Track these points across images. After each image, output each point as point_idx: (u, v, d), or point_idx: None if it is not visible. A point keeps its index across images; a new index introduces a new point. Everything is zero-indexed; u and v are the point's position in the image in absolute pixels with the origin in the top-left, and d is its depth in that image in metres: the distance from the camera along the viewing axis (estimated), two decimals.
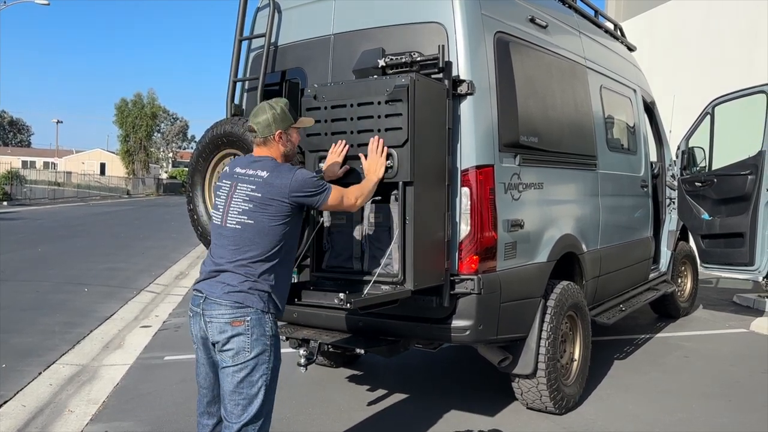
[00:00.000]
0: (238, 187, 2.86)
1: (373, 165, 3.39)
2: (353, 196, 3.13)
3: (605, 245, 5.39)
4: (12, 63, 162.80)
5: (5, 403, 4.77)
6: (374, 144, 3.41)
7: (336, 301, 3.24)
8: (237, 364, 2.74)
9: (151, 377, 5.39)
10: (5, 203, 32.84)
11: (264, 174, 2.84)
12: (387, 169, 3.42)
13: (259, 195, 2.81)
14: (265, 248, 2.80)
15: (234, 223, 2.83)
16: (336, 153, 3.54)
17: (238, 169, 2.92)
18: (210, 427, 2.98)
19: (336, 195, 3.00)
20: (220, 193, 2.93)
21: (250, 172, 2.87)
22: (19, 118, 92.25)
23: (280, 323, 4.53)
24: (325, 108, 3.67)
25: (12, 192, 35.38)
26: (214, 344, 2.81)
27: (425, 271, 3.56)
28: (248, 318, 2.75)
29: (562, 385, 4.40)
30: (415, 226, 3.45)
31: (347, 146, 3.54)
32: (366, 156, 3.43)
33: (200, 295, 2.84)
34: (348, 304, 3.22)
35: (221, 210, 2.89)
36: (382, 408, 4.62)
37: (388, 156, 3.43)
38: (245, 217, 2.81)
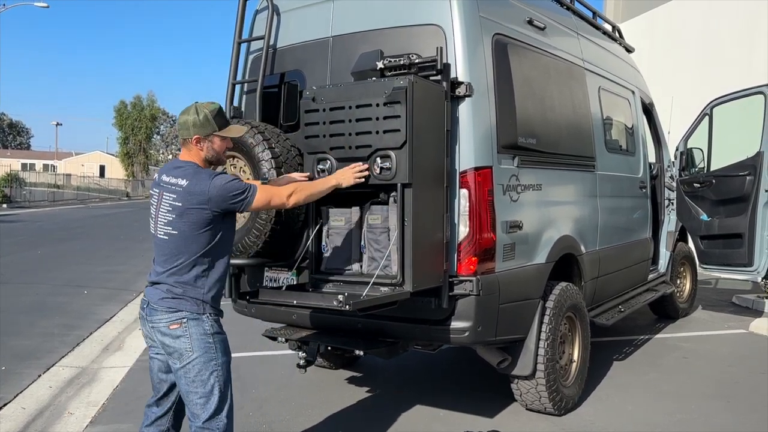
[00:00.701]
0: (164, 197, 2.88)
1: (342, 172, 3.47)
2: (286, 193, 3.06)
3: (604, 246, 5.40)
4: (12, 65, 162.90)
5: (5, 405, 4.77)
6: (358, 167, 3.50)
7: (335, 303, 3.25)
8: (184, 365, 2.83)
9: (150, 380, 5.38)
10: (5, 206, 32.84)
11: (184, 182, 2.85)
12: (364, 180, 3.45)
13: (180, 204, 2.83)
14: (192, 254, 2.84)
15: (162, 233, 2.87)
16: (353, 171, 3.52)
17: (164, 177, 2.93)
18: (154, 417, 3.06)
19: (263, 196, 2.95)
20: (153, 202, 2.96)
21: (173, 180, 2.88)
22: (19, 121, 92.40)
23: (278, 325, 4.57)
24: (324, 110, 3.67)
25: (11, 194, 35.38)
26: (161, 347, 2.90)
27: (424, 273, 3.57)
28: (185, 321, 2.82)
29: (561, 386, 4.41)
30: (413, 227, 3.46)
31: (367, 172, 3.54)
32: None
33: (145, 300, 2.95)
34: (347, 306, 3.23)
35: (153, 219, 2.93)
36: (381, 409, 4.62)
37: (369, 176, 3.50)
38: (170, 228, 2.85)
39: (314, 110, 3.71)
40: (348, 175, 3.45)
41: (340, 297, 3.24)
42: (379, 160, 3.50)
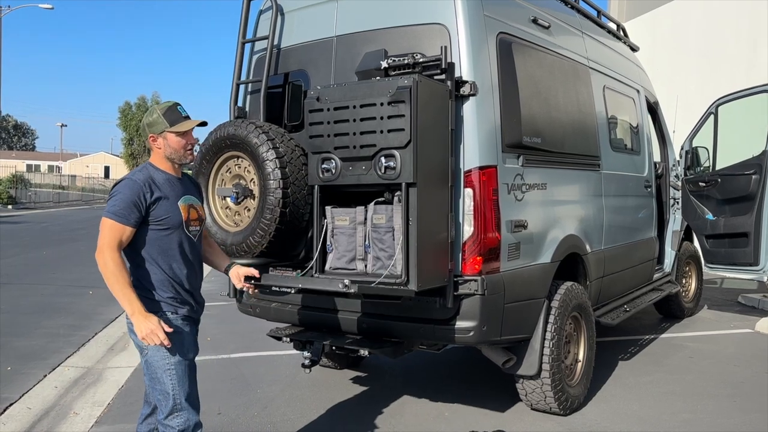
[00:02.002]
0: None
1: (144, 320, 2.77)
2: (102, 251, 2.83)
3: (609, 246, 5.38)
4: (17, 67, 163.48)
5: (11, 405, 4.79)
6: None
7: (340, 286, 3.29)
8: (143, 362, 2.93)
9: None
10: (10, 207, 32.95)
11: None
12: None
13: None
14: (134, 255, 2.90)
15: None
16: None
17: None
18: (144, 415, 3.12)
19: (104, 226, 2.85)
20: None
21: None
22: (24, 122, 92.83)
23: (283, 324, 4.57)
24: (328, 110, 3.67)
25: (17, 195, 35.49)
26: None
27: (429, 272, 3.56)
28: None
29: (566, 386, 4.39)
30: (418, 227, 3.45)
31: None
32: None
33: None
34: (352, 290, 3.28)
35: None
36: (386, 409, 4.62)
37: None
38: None
39: (318, 110, 3.71)
40: (142, 328, 2.77)
41: (346, 281, 3.29)
42: (383, 159, 3.50)
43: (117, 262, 2.78)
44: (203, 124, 3.05)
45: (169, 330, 2.81)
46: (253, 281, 3.31)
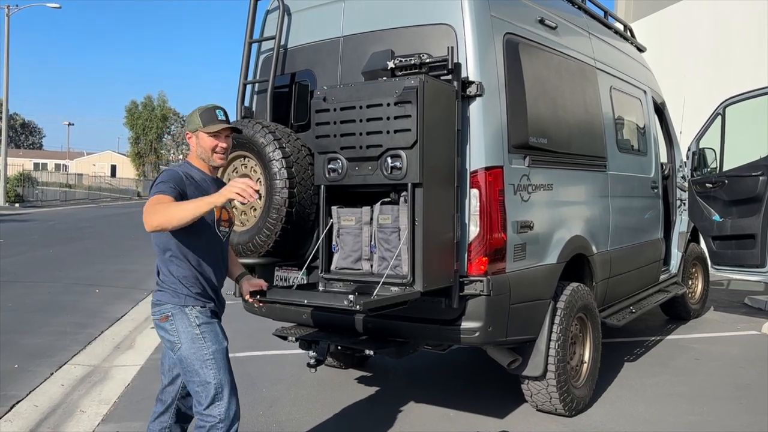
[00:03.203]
0: None
1: (226, 188, 2.70)
2: (146, 212, 2.68)
3: (615, 247, 5.37)
4: (24, 66, 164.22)
5: (18, 403, 4.81)
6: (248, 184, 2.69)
7: (345, 303, 3.25)
8: (177, 356, 2.92)
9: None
10: (17, 205, 33.10)
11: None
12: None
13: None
14: (165, 249, 2.92)
15: None
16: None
17: None
18: (157, 413, 3.13)
19: (147, 205, 2.72)
20: None
21: None
22: (31, 121, 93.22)
23: (289, 324, 4.58)
24: (335, 110, 3.68)
25: (24, 194, 35.66)
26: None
27: (434, 273, 3.56)
28: (170, 315, 2.92)
29: (571, 387, 4.39)
30: (424, 227, 3.45)
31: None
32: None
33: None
34: (357, 306, 3.23)
35: None
36: (391, 409, 4.62)
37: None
38: None
39: (325, 110, 3.72)
40: (231, 190, 2.66)
41: (351, 297, 3.24)
42: (389, 159, 3.50)
43: (163, 206, 2.68)
44: (236, 130, 3.08)
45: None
46: (259, 296, 3.34)
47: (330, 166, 3.74)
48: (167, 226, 2.69)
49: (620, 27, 6.78)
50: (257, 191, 2.68)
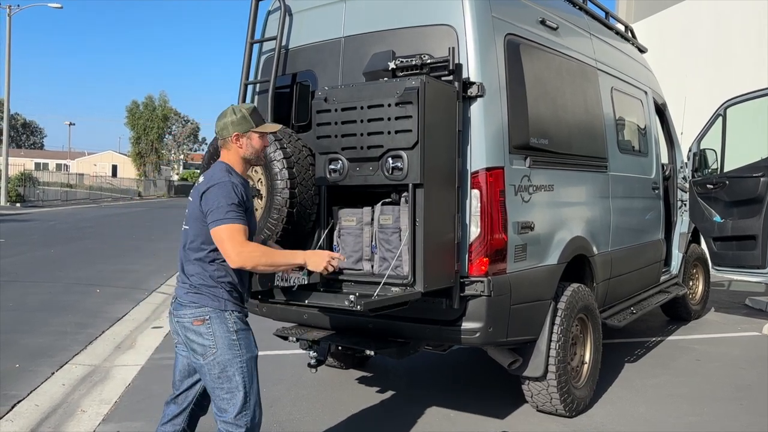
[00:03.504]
0: (191, 192, 2.98)
1: (315, 255, 3.02)
2: (238, 250, 2.75)
3: (616, 248, 5.37)
4: (25, 66, 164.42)
5: (19, 402, 4.82)
6: (334, 256, 3.06)
7: (346, 303, 3.25)
8: (208, 362, 2.84)
9: (162, 378, 5.40)
10: (18, 205, 33.12)
11: (201, 178, 2.96)
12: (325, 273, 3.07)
13: (191, 199, 2.93)
14: (203, 250, 2.87)
15: (184, 226, 2.96)
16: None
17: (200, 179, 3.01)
18: (170, 416, 3.07)
19: (225, 234, 2.75)
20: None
21: (201, 179, 2.96)
22: (32, 121, 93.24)
23: (289, 324, 4.58)
24: (336, 110, 3.68)
25: (25, 194, 35.68)
26: (185, 342, 2.92)
27: (435, 273, 3.56)
28: (208, 318, 2.84)
29: (572, 388, 4.39)
30: (425, 228, 3.46)
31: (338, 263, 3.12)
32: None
33: (174, 296, 3.00)
34: (358, 307, 3.23)
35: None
36: (391, 410, 4.62)
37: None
38: (185, 221, 2.94)
39: (326, 110, 3.72)
40: (319, 262, 2.99)
41: (351, 297, 3.24)
42: (390, 160, 3.51)
43: (255, 248, 2.84)
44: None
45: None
46: (260, 297, 3.35)
47: (331, 166, 3.74)
48: (255, 270, 2.92)
49: (621, 28, 6.78)
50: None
